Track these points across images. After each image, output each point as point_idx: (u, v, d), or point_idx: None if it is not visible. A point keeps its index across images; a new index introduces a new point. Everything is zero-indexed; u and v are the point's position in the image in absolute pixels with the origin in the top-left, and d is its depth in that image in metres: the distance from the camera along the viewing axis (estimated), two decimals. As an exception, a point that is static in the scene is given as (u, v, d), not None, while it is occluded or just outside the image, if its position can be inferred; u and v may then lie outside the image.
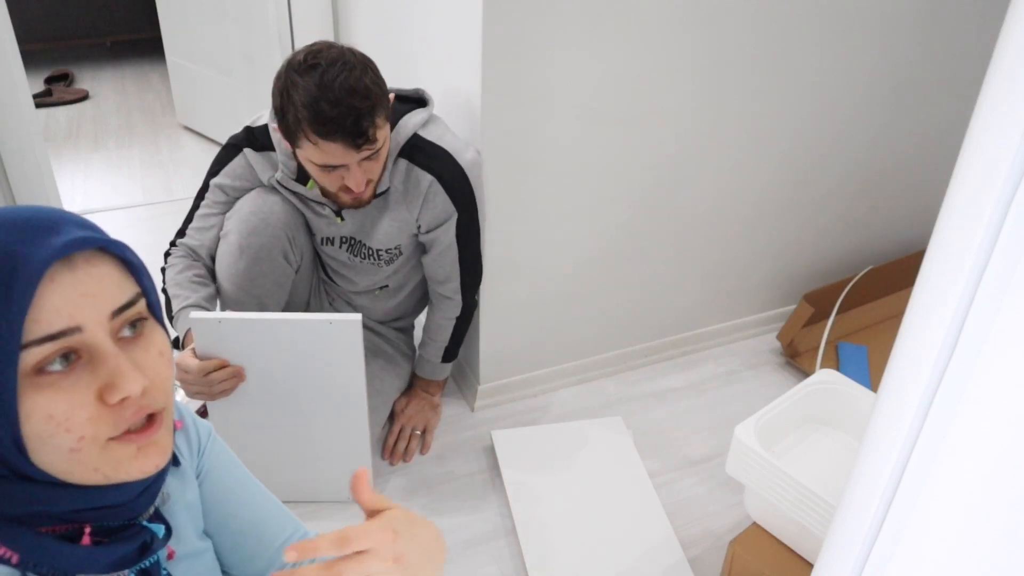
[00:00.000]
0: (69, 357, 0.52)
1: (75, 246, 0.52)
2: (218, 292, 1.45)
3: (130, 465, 0.56)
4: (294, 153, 1.36)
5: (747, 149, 1.72)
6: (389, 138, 1.33)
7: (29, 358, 0.50)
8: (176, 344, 1.36)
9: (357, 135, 1.20)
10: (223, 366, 1.26)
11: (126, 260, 0.57)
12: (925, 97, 1.89)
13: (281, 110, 1.23)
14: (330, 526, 1.43)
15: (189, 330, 1.34)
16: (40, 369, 0.51)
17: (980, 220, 0.48)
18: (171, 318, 1.38)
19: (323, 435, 1.38)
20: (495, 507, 1.49)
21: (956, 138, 1.97)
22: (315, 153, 1.23)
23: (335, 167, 1.26)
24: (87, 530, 0.58)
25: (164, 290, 1.41)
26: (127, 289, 0.56)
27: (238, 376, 1.28)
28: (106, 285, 0.54)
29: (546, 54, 1.39)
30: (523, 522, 1.42)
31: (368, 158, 1.27)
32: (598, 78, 1.46)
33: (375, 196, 1.40)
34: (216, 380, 1.25)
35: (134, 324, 0.56)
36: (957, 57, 1.86)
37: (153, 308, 0.59)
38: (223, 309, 1.44)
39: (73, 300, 0.52)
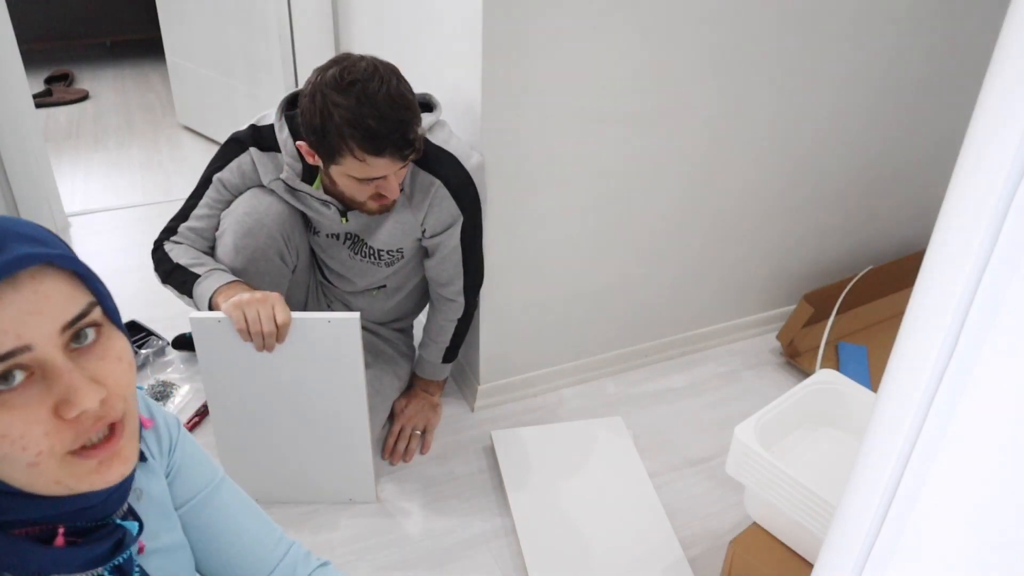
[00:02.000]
0: (16, 375, 0.51)
1: (17, 265, 0.51)
2: None
3: (92, 478, 0.55)
4: (302, 157, 1.36)
5: (747, 149, 1.72)
6: None
7: None
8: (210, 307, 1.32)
9: (405, 147, 1.22)
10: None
11: (75, 271, 0.56)
12: (925, 97, 1.89)
13: (321, 129, 1.22)
14: (330, 528, 1.43)
15: (230, 282, 1.32)
16: None
17: (980, 220, 0.48)
18: (190, 287, 1.35)
19: (323, 435, 1.38)
20: (495, 507, 1.49)
21: (956, 138, 1.97)
22: (359, 169, 1.24)
23: (374, 179, 1.27)
24: (60, 531, 0.58)
25: (176, 266, 1.37)
26: (78, 300, 0.55)
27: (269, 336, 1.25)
28: (54, 300, 0.53)
29: (547, 54, 1.39)
30: (523, 522, 1.42)
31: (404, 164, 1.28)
32: (598, 78, 1.46)
33: None
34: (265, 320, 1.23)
35: (87, 333, 0.55)
36: (957, 57, 1.86)
37: (110, 314, 0.58)
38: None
39: (19, 319, 0.51)
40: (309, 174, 1.39)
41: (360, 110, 1.18)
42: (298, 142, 1.33)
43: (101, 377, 0.55)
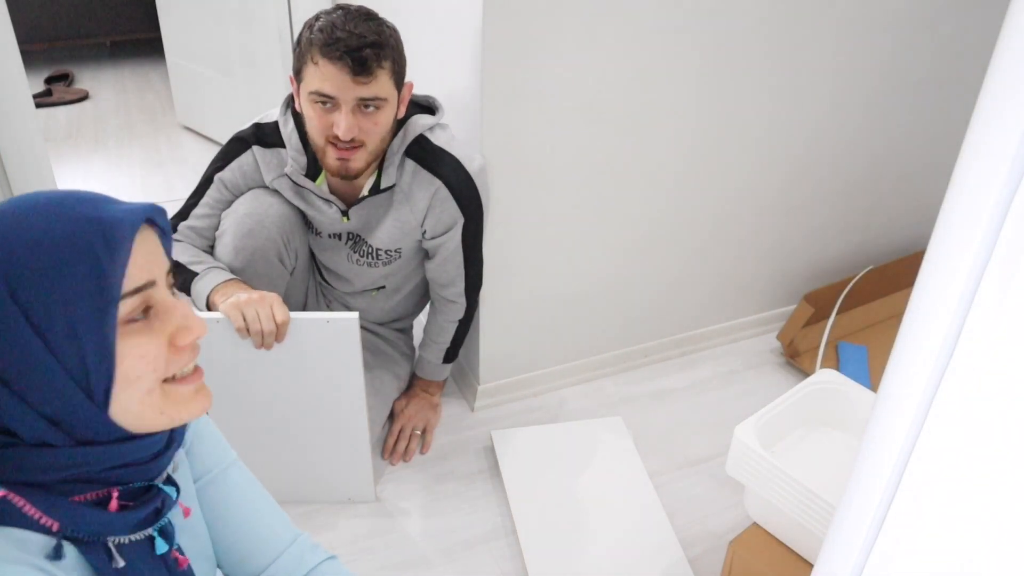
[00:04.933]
0: (148, 309, 0.61)
1: (148, 211, 0.61)
2: None
3: (189, 404, 0.64)
4: (304, 147, 1.36)
5: (747, 150, 1.72)
6: (393, 113, 1.31)
7: (123, 309, 0.58)
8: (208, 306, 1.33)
9: (359, 61, 1.21)
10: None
11: (164, 232, 0.65)
12: (926, 97, 1.89)
13: (298, 42, 1.27)
14: (330, 527, 1.43)
15: (227, 280, 1.33)
16: (129, 319, 0.59)
17: (980, 220, 0.48)
18: (188, 283, 1.36)
19: (322, 435, 1.38)
20: (495, 507, 1.49)
21: (956, 138, 1.97)
22: (314, 78, 1.24)
23: (328, 102, 1.25)
24: (115, 495, 0.63)
25: (175, 263, 1.38)
26: (167, 255, 0.65)
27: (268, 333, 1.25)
28: (161, 249, 0.63)
29: (547, 54, 1.39)
30: (523, 522, 1.42)
31: (363, 107, 1.25)
32: (598, 79, 1.46)
33: (379, 191, 1.39)
34: (263, 319, 1.24)
35: (173, 288, 0.65)
36: (957, 57, 1.86)
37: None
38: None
39: (148, 259, 0.60)
40: (313, 170, 1.39)
41: (335, 21, 1.23)
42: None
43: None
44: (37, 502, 0.58)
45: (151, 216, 0.62)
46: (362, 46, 1.21)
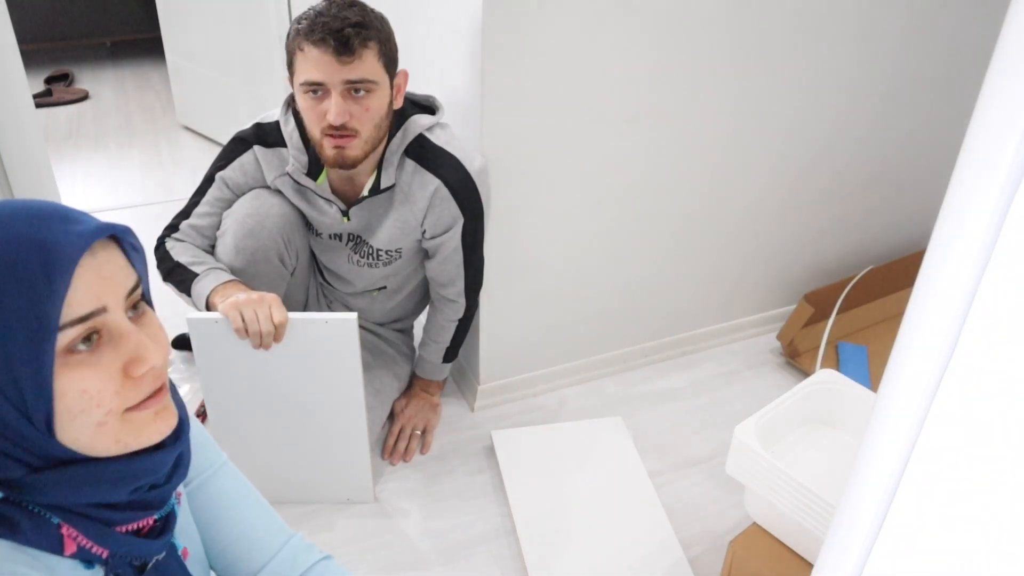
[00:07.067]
0: (93, 337, 0.56)
1: (100, 233, 0.56)
2: None
3: (149, 429, 0.60)
4: (306, 146, 1.36)
5: (747, 148, 1.72)
6: (386, 100, 1.30)
7: (63, 339, 0.54)
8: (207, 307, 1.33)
9: (341, 41, 1.21)
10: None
11: (132, 247, 0.61)
12: (925, 96, 1.89)
13: (287, 36, 1.28)
14: (329, 528, 1.43)
15: (226, 282, 1.33)
16: (70, 349, 0.55)
17: (980, 220, 0.48)
18: (188, 284, 1.36)
19: (322, 435, 1.38)
20: (495, 507, 1.49)
21: (956, 138, 1.97)
22: (303, 66, 1.24)
23: (318, 89, 1.25)
24: (151, 522, 0.66)
25: (177, 264, 1.38)
26: (132, 274, 0.60)
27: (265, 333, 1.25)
28: (119, 268, 0.58)
29: (546, 54, 1.38)
30: (523, 522, 1.42)
31: (353, 92, 1.25)
32: (598, 80, 1.45)
33: (379, 191, 1.39)
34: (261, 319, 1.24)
35: (139, 304, 0.61)
36: (958, 56, 1.86)
37: (146, 293, 0.64)
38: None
39: (97, 283, 0.56)
40: (314, 169, 1.39)
41: (317, 9, 1.24)
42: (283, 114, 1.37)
43: (156, 341, 0.61)
44: (89, 533, 0.60)
45: (115, 234, 0.59)
46: (344, 27, 1.21)
